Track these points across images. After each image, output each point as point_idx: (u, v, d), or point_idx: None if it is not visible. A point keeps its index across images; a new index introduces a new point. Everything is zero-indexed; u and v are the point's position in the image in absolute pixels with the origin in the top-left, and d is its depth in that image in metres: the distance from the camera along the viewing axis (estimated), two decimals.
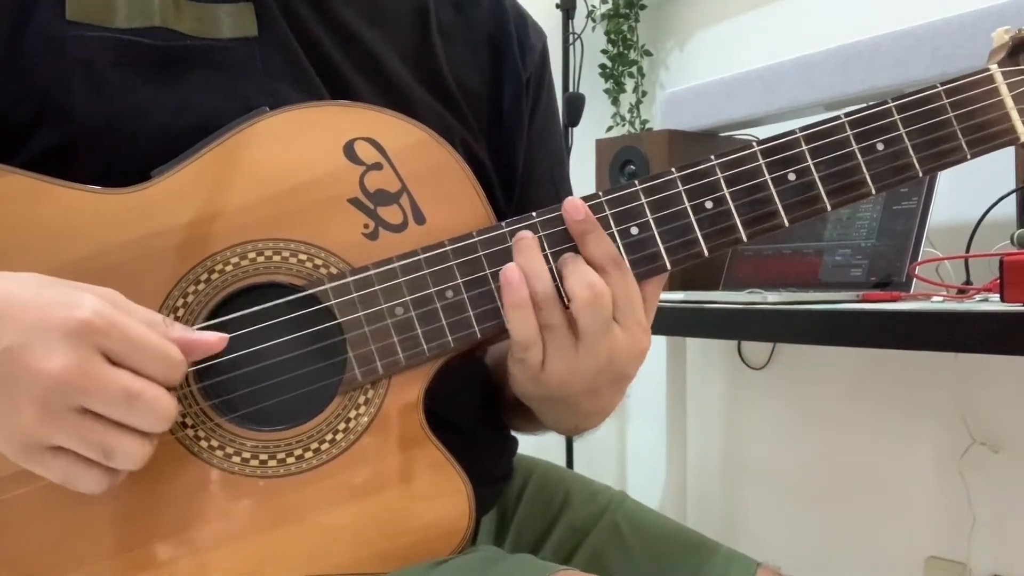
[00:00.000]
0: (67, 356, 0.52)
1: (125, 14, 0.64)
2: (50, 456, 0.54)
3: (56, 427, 0.52)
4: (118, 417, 0.53)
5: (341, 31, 0.71)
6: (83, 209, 0.61)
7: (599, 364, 0.62)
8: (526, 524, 0.82)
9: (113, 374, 0.53)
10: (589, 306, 0.60)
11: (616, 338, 0.62)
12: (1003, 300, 0.98)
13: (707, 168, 0.64)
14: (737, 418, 2.11)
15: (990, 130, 0.66)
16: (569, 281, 0.61)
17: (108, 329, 0.53)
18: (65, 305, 0.53)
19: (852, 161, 0.65)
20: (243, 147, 0.63)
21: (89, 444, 0.53)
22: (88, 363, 0.52)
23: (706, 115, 1.76)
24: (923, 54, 1.39)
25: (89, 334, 0.52)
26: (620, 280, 0.61)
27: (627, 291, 0.62)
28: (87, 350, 0.52)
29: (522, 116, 0.80)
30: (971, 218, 1.35)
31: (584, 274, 0.61)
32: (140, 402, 0.53)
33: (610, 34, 2.23)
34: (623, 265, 0.62)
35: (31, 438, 0.53)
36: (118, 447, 0.54)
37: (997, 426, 1.58)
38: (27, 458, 0.54)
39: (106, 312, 0.53)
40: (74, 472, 0.54)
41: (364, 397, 0.63)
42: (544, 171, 0.84)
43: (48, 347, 0.51)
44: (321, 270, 0.63)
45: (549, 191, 0.84)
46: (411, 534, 0.63)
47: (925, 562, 1.70)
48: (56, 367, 0.51)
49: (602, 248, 0.62)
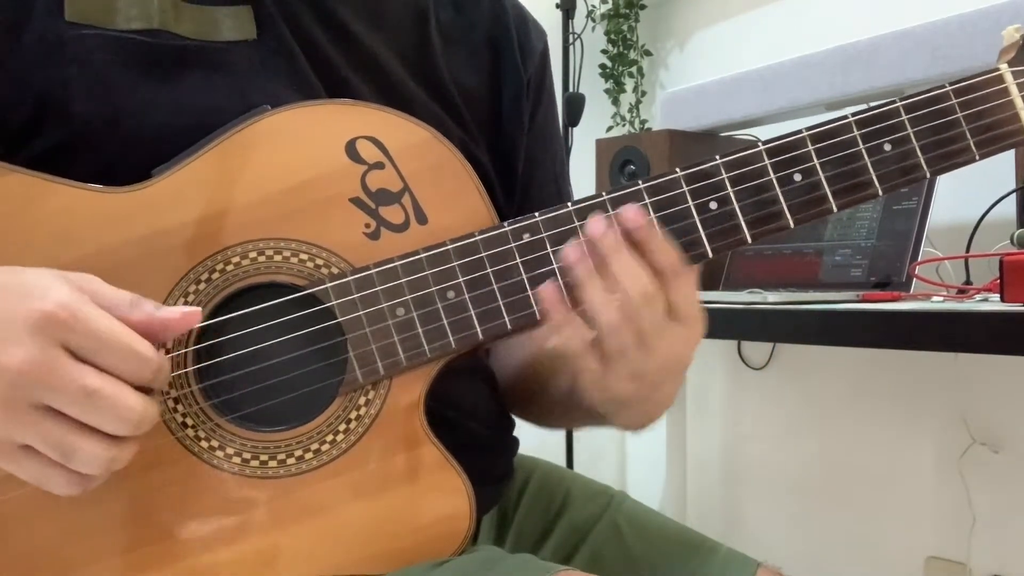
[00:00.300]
0: (28, 350, 0.50)
1: (124, 16, 0.64)
2: (22, 455, 0.52)
3: (19, 424, 0.51)
4: (78, 415, 0.51)
5: (340, 32, 0.71)
6: (83, 208, 0.61)
7: (661, 362, 0.60)
8: (526, 524, 0.82)
9: (73, 369, 0.51)
10: (647, 308, 0.59)
11: (675, 332, 0.60)
12: (1003, 300, 0.98)
13: (711, 168, 0.64)
14: (737, 418, 2.11)
15: (999, 130, 0.65)
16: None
17: (71, 322, 0.51)
18: (30, 296, 0.51)
19: (859, 162, 0.64)
20: (244, 146, 0.62)
21: (49, 444, 0.51)
22: (48, 357, 0.50)
23: (706, 115, 1.75)
24: (923, 54, 1.39)
25: (52, 327, 0.50)
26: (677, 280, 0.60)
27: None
28: (49, 344, 0.50)
29: (522, 118, 0.80)
30: (971, 218, 1.35)
31: (640, 275, 0.59)
32: (100, 400, 0.51)
33: (610, 34, 2.24)
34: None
35: (2, 435, 0.52)
36: (78, 449, 0.51)
37: (997, 426, 1.58)
38: (2, 457, 0.53)
39: (71, 304, 0.51)
40: (44, 473, 0.53)
41: (365, 398, 0.62)
42: (547, 172, 0.84)
43: (10, 340, 0.50)
44: (322, 270, 0.62)
45: (552, 192, 0.83)
46: (412, 534, 0.62)
47: (925, 562, 1.70)
48: (15, 361, 0.50)
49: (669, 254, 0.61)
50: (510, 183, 0.80)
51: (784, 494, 1.98)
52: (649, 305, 0.59)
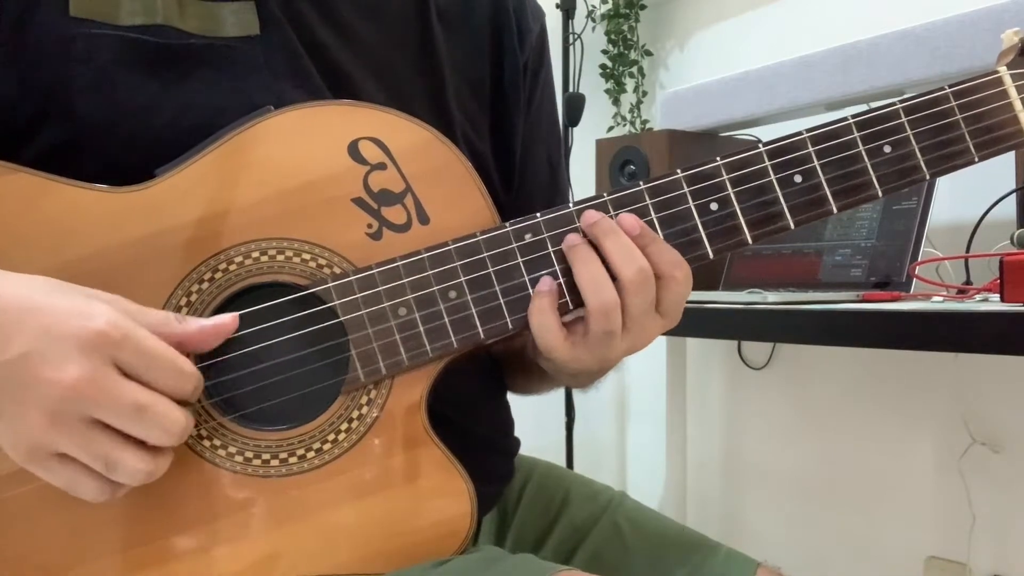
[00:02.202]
0: (81, 367, 0.52)
1: (129, 11, 0.64)
2: (56, 462, 0.54)
3: (63, 436, 0.53)
4: (127, 429, 0.54)
5: (342, 26, 0.71)
6: (87, 207, 0.61)
7: (630, 345, 0.64)
8: (527, 524, 0.82)
9: (124, 386, 0.53)
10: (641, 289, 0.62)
11: (655, 323, 0.64)
12: (1003, 300, 0.98)
13: (712, 169, 0.64)
14: (737, 418, 2.11)
15: (998, 132, 0.66)
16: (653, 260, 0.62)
17: (122, 341, 0.53)
18: (80, 315, 0.53)
19: (859, 163, 0.65)
20: (247, 146, 0.63)
21: (94, 456, 0.54)
22: (100, 374, 0.52)
23: (706, 115, 1.75)
24: (923, 54, 1.39)
25: (103, 346, 0.53)
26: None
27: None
28: (100, 361, 0.53)
29: (520, 100, 0.80)
30: (971, 218, 1.35)
31: (665, 250, 0.63)
32: (149, 415, 0.54)
33: (610, 34, 2.24)
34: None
35: (38, 444, 0.53)
36: (121, 461, 0.54)
37: (997, 426, 1.58)
38: (32, 462, 0.54)
39: (121, 323, 0.53)
40: (77, 480, 0.55)
41: (367, 397, 0.63)
42: (541, 155, 0.84)
43: (62, 356, 0.52)
44: (324, 270, 0.63)
45: (544, 178, 0.84)
46: (413, 534, 0.63)
47: (925, 562, 1.70)
48: (69, 377, 0.52)
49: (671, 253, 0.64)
50: (509, 168, 0.80)
51: (784, 494, 1.98)
52: (639, 293, 0.61)
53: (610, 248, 0.62)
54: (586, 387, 0.76)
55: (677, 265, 0.63)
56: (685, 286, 0.63)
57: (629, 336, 0.63)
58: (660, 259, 0.62)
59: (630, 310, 0.62)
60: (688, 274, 0.63)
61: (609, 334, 0.62)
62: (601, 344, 0.62)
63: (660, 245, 0.63)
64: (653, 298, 0.63)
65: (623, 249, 0.62)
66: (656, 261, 0.62)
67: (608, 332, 0.62)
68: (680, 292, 0.63)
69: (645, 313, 0.63)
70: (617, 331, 0.62)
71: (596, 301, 0.61)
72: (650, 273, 0.62)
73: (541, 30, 0.84)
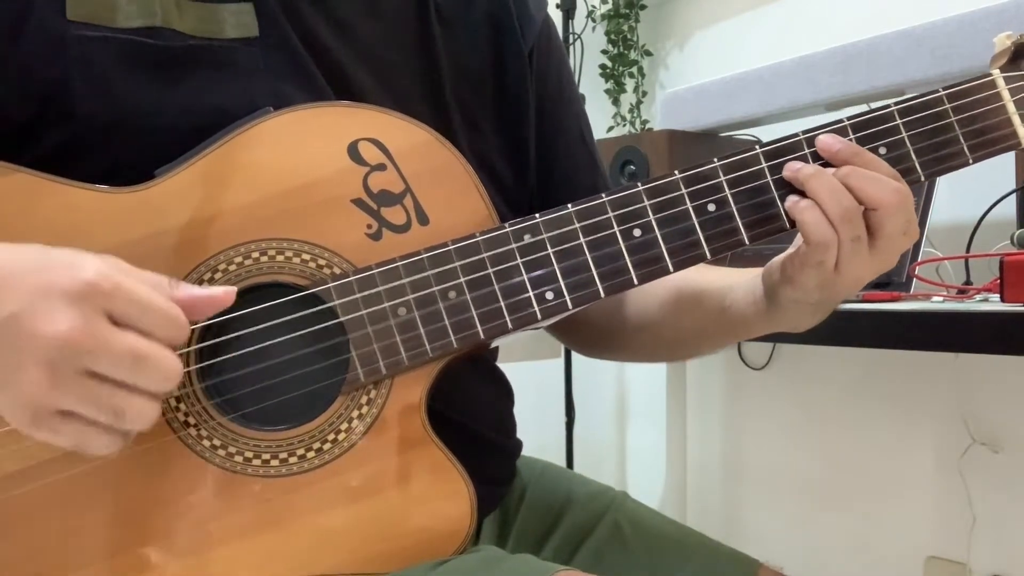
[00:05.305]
0: (72, 318, 0.51)
1: (126, 13, 0.64)
2: (60, 421, 0.53)
3: (65, 390, 0.52)
4: (125, 378, 0.53)
5: (341, 26, 0.71)
6: (86, 208, 0.61)
7: (886, 264, 0.66)
8: (527, 524, 0.82)
9: (119, 335, 0.52)
10: (899, 210, 0.63)
11: (911, 236, 0.66)
12: (1003, 300, 0.98)
13: (710, 170, 0.64)
14: (737, 418, 2.11)
15: (992, 135, 0.66)
16: (871, 189, 0.63)
17: (113, 291, 0.52)
18: (70, 266, 0.52)
19: None
20: (247, 147, 0.63)
21: (100, 406, 0.52)
22: (93, 324, 0.51)
23: (706, 115, 1.75)
24: (923, 54, 1.39)
25: (93, 296, 0.51)
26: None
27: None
28: (92, 312, 0.51)
29: (527, 91, 0.80)
30: (971, 218, 1.35)
31: (886, 181, 0.63)
32: (147, 362, 0.53)
33: (610, 34, 2.24)
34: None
35: (40, 404, 0.52)
36: (129, 408, 0.53)
37: (997, 426, 1.58)
38: (38, 426, 0.53)
39: (110, 274, 0.52)
40: (86, 435, 0.53)
41: (367, 397, 0.63)
42: (573, 134, 0.83)
43: (52, 310, 0.51)
44: (324, 270, 0.63)
45: (583, 154, 0.83)
46: (413, 534, 0.63)
47: (925, 562, 1.70)
48: (62, 329, 0.50)
49: (883, 164, 0.65)
50: (522, 161, 0.80)
51: (784, 494, 1.98)
52: (902, 207, 0.63)
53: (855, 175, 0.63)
54: (804, 326, 0.75)
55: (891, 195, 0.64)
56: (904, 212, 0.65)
57: (877, 253, 0.65)
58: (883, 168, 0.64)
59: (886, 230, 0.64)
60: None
61: (857, 239, 0.63)
62: (854, 255, 0.64)
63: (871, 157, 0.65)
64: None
65: (870, 177, 0.63)
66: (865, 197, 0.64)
67: (856, 237, 0.63)
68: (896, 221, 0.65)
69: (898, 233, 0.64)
70: (864, 237, 0.64)
71: (838, 209, 0.62)
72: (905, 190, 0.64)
73: (545, 18, 0.83)
